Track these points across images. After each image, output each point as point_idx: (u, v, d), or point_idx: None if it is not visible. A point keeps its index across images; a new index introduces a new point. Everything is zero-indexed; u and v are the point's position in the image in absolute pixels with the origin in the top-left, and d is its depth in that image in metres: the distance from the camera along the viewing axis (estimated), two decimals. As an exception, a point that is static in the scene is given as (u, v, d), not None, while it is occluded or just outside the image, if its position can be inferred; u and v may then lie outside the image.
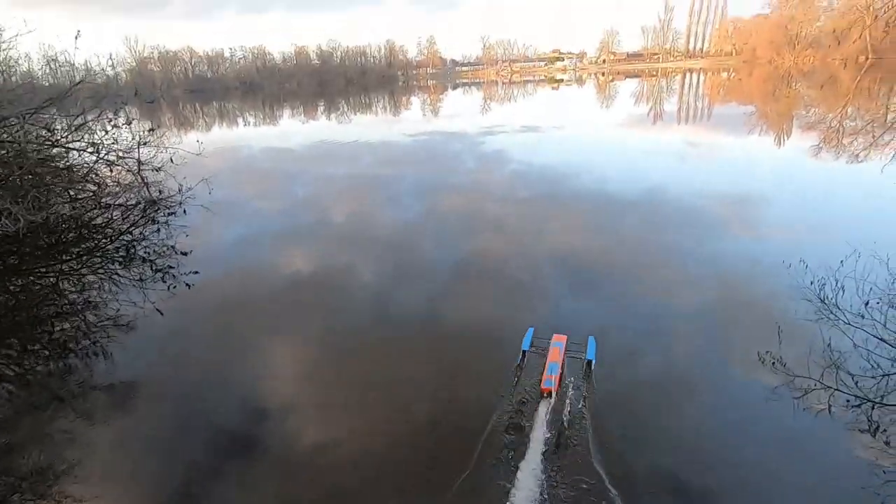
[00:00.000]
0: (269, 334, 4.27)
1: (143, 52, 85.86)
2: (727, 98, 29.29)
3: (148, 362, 4.00)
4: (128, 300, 4.50)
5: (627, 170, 9.86)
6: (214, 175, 7.22)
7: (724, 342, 3.69)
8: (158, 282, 4.62)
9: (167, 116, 38.43)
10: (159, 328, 4.31)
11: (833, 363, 3.19)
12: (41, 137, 5.31)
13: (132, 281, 4.58)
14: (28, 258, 4.53)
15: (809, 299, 3.70)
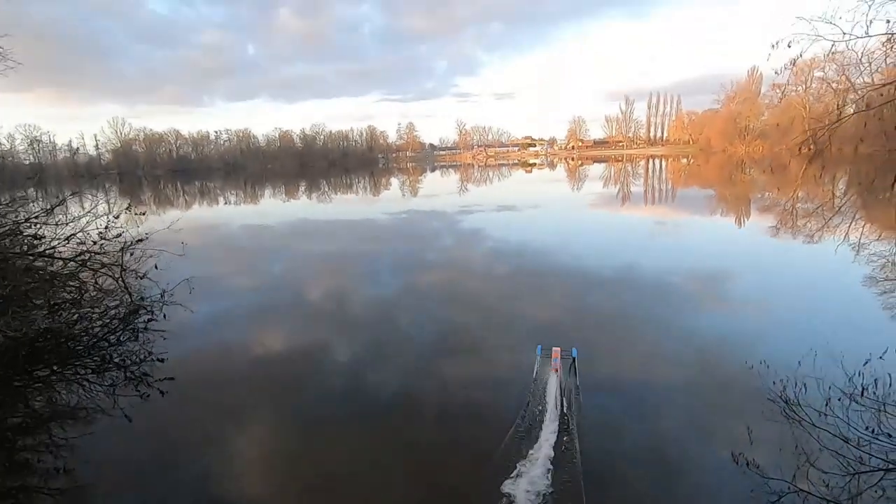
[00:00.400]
0: (244, 438, 4.05)
1: (129, 134, 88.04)
2: (689, 182, 31.28)
3: (111, 477, 3.71)
4: (97, 407, 4.29)
5: (599, 248, 10.24)
6: (193, 255, 7.22)
7: (697, 445, 3.66)
8: (131, 389, 4.44)
9: (147, 195, 38.65)
10: (127, 436, 4.05)
11: (804, 463, 3.21)
12: (27, 246, 5.34)
13: (104, 388, 4.39)
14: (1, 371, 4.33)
15: (773, 399, 3.77)
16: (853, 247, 9.55)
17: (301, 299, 7.76)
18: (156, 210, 25.78)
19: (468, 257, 10.30)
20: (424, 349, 5.45)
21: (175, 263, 6.22)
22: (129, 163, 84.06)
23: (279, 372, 5.02)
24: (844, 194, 19.09)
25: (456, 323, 6.31)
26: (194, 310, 6.06)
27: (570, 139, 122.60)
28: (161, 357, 4.91)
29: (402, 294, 7.83)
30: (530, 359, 4.87)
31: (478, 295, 7.47)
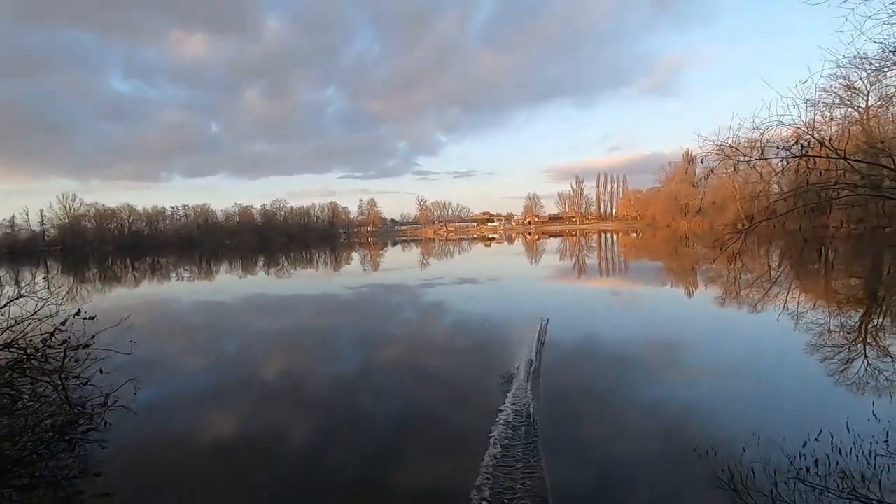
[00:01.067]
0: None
1: (79, 210, 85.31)
2: (639, 254, 32.90)
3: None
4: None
5: (556, 318, 10.37)
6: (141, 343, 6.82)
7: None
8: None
9: (92, 272, 36.84)
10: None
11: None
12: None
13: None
14: None
15: (723, 487, 3.81)
16: (792, 315, 10.12)
17: (256, 384, 7.33)
18: (100, 287, 24.50)
19: (429, 331, 10.20)
20: (386, 429, 5.20)
21: (122, 361, 5.84)
22: (75, 239, 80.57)
23: (231, 471, 4.63)
24: (779, 266, 20.54)
25: (418, 399, 6.11)
26: (138, 412, 5.61)
27: (526, 215, 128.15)
28: (97, 472, 4.45)
29: (363, 372, 7.57)
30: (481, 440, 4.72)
31: (439, 369, 7.32)
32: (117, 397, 5.49)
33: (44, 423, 5.09)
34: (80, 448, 4.89)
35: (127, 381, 5.69)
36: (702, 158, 5.83)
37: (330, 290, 19.15)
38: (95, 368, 5.43)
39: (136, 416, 5.57)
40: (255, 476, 4.45)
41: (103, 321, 5.84)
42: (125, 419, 5.45)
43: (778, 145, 5.39)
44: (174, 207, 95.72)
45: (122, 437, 5.20)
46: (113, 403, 5.40)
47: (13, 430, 4.89)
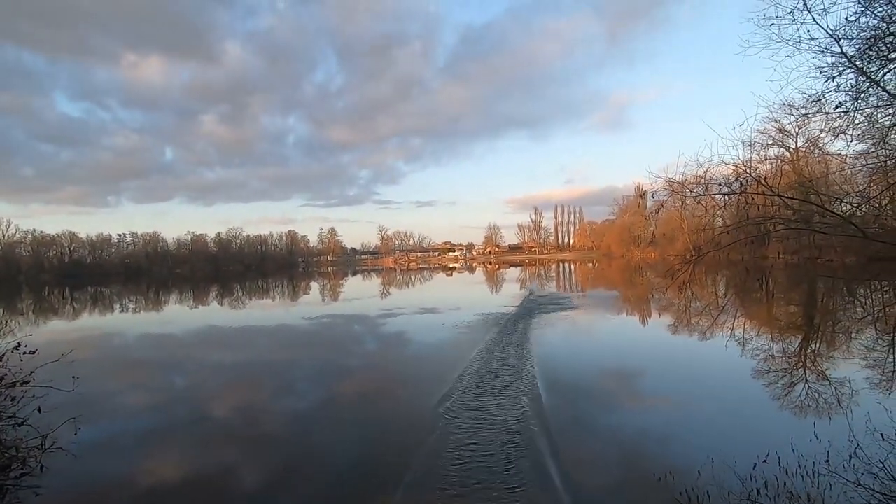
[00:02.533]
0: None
1: (14, 237, 79.83)
2: (596, 283, 33.93)
3: None
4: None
5: (516, 346, 10.48)
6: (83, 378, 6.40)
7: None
8: None
9: (26, 303, 34.34)
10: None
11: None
12: None
13: None
14: None
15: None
16: (739, 342, 10.68)
17: (205, 422, 6.95)
18: (36, 320, 22.82)
19: (389, 362, 10.07)
20: (342, 465, 5.05)
21: (62, 399, 5.46)
22: (8, 268, 74.97)
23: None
24: (725, 295, 21.68)
25: (377, 434, 5.99)
26: (78, 454, 5.22)
27: (486, 245, 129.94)
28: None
29: (320, 406, 7.37)
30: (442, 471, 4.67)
31: (400, 403, 7.22)
32: (56, 438, 5.13)
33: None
34: (12, 495, 4.49)
35: (67, 420, 5.35)
36: (652, 193, 6.23)
37: (287, 321, 18.64)
38: (33, 407, 5.06)
39: (75, 458, 5.19)
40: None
41: (44, 356, 5.48)
42: (64, 462, 5.07)
43: (720, 182, 5.81)
44: (121, 235, 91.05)
45: (59, 483, 4.80)
46: (51, 445, 5.03)
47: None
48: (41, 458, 4.96)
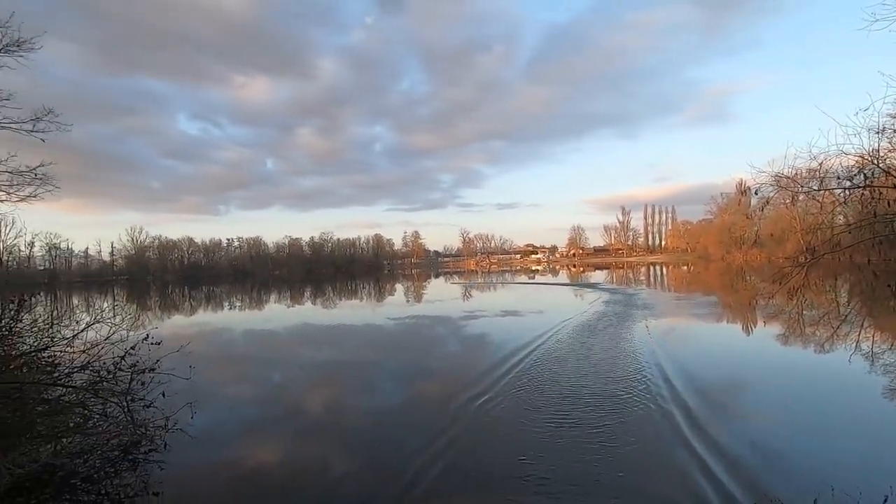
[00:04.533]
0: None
1: (145, 241, 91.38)
2: (691, 288, 31.58)
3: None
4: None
5: (607, 353, 10.04)
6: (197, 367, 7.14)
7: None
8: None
9: (154, 301, 39.07)
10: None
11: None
12: (44, 374, 5.46)
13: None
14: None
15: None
16: (867, 356, 9.36)
17: (298, 410, 7.56)
18: (161, 315, 25.92)
19: (473, 364, 10.09)
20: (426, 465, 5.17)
21: (181, 386, 6.19)
22: (140, 269, 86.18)
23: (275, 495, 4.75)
24: (848, 303, 19.13)
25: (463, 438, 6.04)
26: (193, 435, 5.86)
27: (570, 247, 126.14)
28: (156, 491, 4.69)
29: (404, 404, 7.60)
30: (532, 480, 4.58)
31: (485, 407, 7.21)
32: (176, 420, 5.78)
33: (111, 442, 5.40)
34: (142, 468, 5.16)
35: (185, 404, 6.00)
36: (756, 189, 5.64)
37: (374, 321, 19.43)
38: (158, 392, 5.76)
39: (191, 439, 5.81)
40: (298, 499, 4.54)
41: (166, 347, 6.20)
42: (182, 442, 5.70)
43: (839, 175, 5.16)
44: (229, 239, 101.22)
45: (179, 459, 5.42)
46: (172, 426, 5.69)
47: (84, 447, 5.22)
48: (164, 437, 5.65)
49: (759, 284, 28.96)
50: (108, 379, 5.51)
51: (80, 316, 6.95)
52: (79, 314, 7.91)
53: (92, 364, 5.64)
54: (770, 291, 21.07)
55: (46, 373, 5.61)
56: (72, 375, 5.59)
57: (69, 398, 5.50)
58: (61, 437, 5.17)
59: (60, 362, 5.78)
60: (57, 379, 5.53)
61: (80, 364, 5.64)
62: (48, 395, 5.42)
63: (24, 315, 6.21)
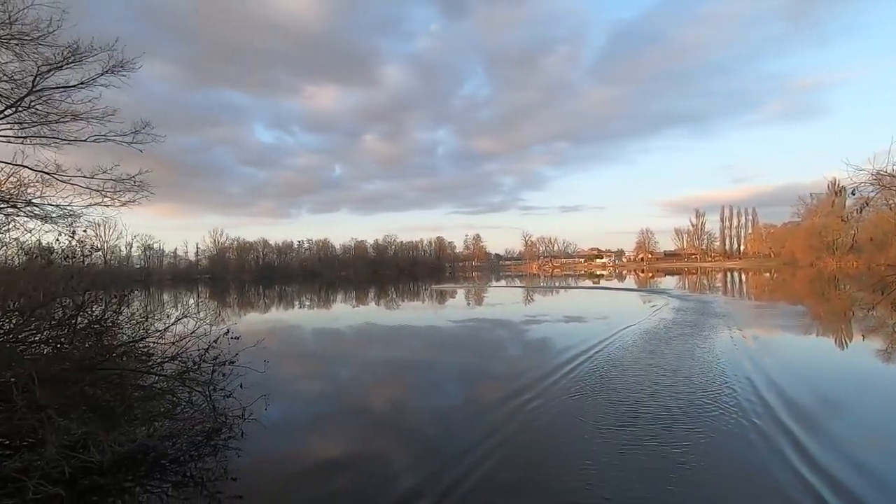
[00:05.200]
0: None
1: (225, 243, 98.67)
2: (775, 296, 29.19)
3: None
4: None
5: (681, 364, 9.50)
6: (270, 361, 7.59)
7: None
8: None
9: (233, 298, 41.90)
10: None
11: None
12: (140, 362, 6.08)
13: (179, 502, 4.60)
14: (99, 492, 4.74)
15: None
16: None
17: (363, 407, 7.80)
18: (238, 312, 27.76)
19: (535, 369, 9.93)
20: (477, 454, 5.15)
21: (256, 378, 6.61)
22: (221, 268, 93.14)
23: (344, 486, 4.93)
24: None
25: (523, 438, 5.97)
26: (267, 425, 6.26)
27: (638, 251, 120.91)
28: (234, 476, 5.03)
29: (467, 405, 7.61)
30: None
31: (547, 412, 7.07)
32: (252, 411, 6.18)
33: (195, 428, 5.87)
34: (222, 454, 5.56)
35: (259, 396, 6.40)
36: (852, 189, 5.11)
37: (436, 322, 19.66)
38: (237, 383, 6.20)
39: (265, 428, 6.19)
40: (366, 492, 4.69)
41: (244, 342, 6.64)
42: (257, 431, 6.09)
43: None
44: (300, 241, 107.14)
45: (254, 447, 5.78)
46: (248, 416, 6.10)
47: (172, 431, 5.70)
48: (241, 426, 6.06)
49: (856, 294, 26.24)
50: (194, 369, 6.00)
51: (169, 311, 7.60)
52: (168, 309, 8.70)
53: (180, 355, 6.16)
54: (868, 302, 19.00)
55: (142, 362, 6.19)
56: (163, 365, 6.14)
57: (160, 385, 6.04)
58: (153, 421, 5.69)
59: (154, 352, 6.36)
60: (151, 367, 6.11)
61: (171, 355, 6.18)
62: (143, 382, 5.98)
63: (123, 309, 6.84)
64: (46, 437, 4.07)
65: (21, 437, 4.58)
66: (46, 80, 9.73)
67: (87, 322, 5.88)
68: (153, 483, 4.96)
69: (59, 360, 4.91)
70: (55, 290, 5.40)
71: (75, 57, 9.72)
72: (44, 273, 5.68)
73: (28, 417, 4.05)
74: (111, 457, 4.59)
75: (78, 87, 10.17)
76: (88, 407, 4.91)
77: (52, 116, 10.22)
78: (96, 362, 5.29)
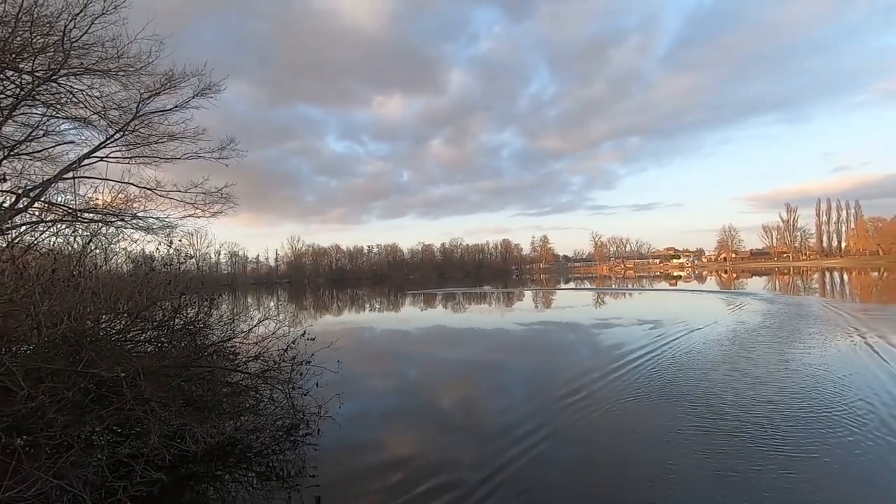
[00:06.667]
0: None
1: (301, 249, 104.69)
2: (884, 298, 26.05)
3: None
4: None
5: (772, 376, 8.75)
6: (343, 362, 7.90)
7: None
8: (284, 497, 4.88)
9: (309, 301, 44.18)
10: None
11: None
12: (227, 361, 6.60)
13: (264, 493, 4.94)
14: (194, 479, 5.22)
15: None
16: None
17: (431, 407, 7.98)
18: (314, 314, 29.22)
19: (604, 375, 9.57)
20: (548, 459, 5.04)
21: (331, 378, 6.94)
22: (297, 273, 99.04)
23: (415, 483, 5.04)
24: None
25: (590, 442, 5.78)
26: (341, 423, 6.57)
27: (720, 250, 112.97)
28: (312, 471, 5.32)
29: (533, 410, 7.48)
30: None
31: (616, 418, 6.80)
32: (327, 409, 6.50)
33: (276, 423, 6.26)
34: (300, 449, 5.91)
35: (334, 395, 6.71)
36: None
37: (503, 325, 19.51)
38: (313, 382, 6.54)
39: (339, 426, 6.48)
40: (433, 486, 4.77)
41: (319, 342, 6.98)
42: (332, 428, 6.39)
43: None
44: (370, 246, 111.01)
45: (329, 443, 6.08)
46: (324, 414, 6.42)
47: (256, 426, 6.12)
48: (318, 423, 6.39)
49: None
50: (274, 368, 6.42)
51: (252, 313, 8.20)
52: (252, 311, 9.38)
53: (262, 355, 6.62)
54: None
55: (230, 360, 6.71)
56: (247, 364, 6.60)
57: (245, 383, 6.51)
58: (240, 416, 6.15)
59: (239, 352, 6.86)
60: (237, 366, 6.60)
61: (254, 354, 6.64)
62: (230, 379, 6.46)
63: (213, 311, 7.44)
64: (150, 426, 4.51)
65: (130, 427, 5.12)
66: (147, 106, 10.88)
67: (183, 323, 6.45)
68: (240, 473, 5.36)
69: (160, 358, 5.42)
70: (156, 295, 5.97)
71: (171, 83, 10.80)
72: (147, 279, 6.29)
73: (136, 409, 4.51)
74: (204, 447, 5.01)
75: (174, 111, 11.29)
76: (185, 401, 5.38)
77: (153, 138, 11.42)
78: (191, 360, 5.79)
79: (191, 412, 5.22)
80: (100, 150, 10.89)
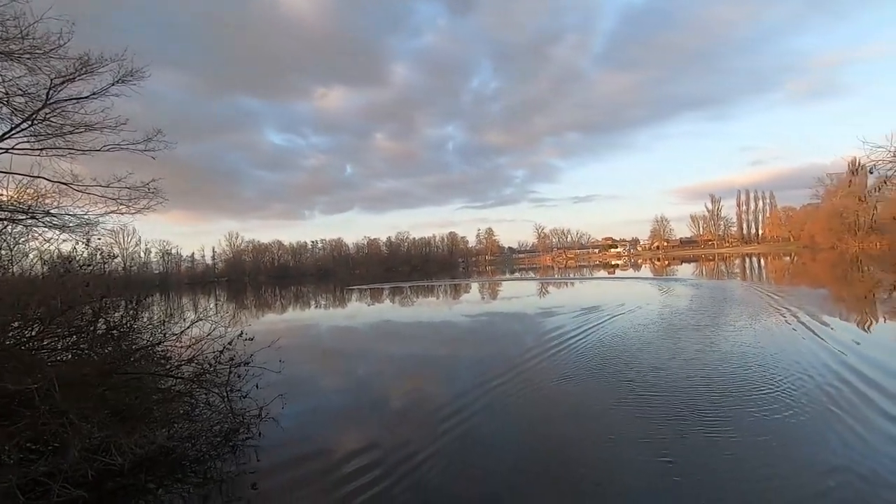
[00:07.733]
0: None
1: (240, 246, 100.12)
2: (794, 280, 28.64)
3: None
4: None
5: (700, 350, 9.39)
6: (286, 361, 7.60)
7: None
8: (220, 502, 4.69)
9: (250, 299, 42.45)
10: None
11: None
12: (158, 366, 6.20)
13: (199, 500, 4.71)
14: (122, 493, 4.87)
15: None
16: None
17: (380, 404, 7.84)
18: (255, 313, 28.13)
19: (552, 359, 9.89)
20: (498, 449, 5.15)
21: (272, 378, 6.68)
22: (237, 271, 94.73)
23: (363, 484, 4.97)
24: None
25: (543, 429, 5.95)
26: (284, 425, 6.35)
27: (653, 239, 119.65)
28: (253, 477, 5.16)
29: (483, 397, 7.59)
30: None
31: (564, 405, 7.04)
32: (269, 411, 6.27)
33: (213, 428, 5.96)
34: (240, 453, 5.66)
35: (276, 396, 6.48)
36: (871, 168, 4.97)
37: (450, 317, 19.66)
38: (253, 384, 6.28)
39: (283, 428, 6.26)
40: (386, 487, 4.73)
41: (259, 342, 6.71)
42: (274, 430, 6.17)
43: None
44: (313, 242, 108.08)
45: (272, 446, 5.87)
46: (265, 416, 6.19)
47: (191, 432, 5.80)
48: (259, 426, 6.15)
49: (878, 275, 25.63)
50: (210, 371, 6.10)
51: (186, 314, 7.74)
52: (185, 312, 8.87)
53: (197, 358, 6.27)
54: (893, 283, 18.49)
55: (160, 365, 6.31)
56: (181, 368, 6.24)
57: (178, 388, 6.15)
58: (173, 423, 5.80)
59: (171, 356, 6.47)
60: (169, 371, 6.22)
61: (187, 358, 6.29)
62: (161, 385, 6.09)
63: (142, 313, 6.96)
64: (70, 440, 4.16)
65: (46, 442, 4.70)
66: (59, 93, 9.89)
67: (106, 328, 5.99)
68: (174, 483, 5.06)
69: (80, 366, 5.02)
70: (73, 298, 5.50)
71: (86, 68, 9.87)
72: (62, 281, 5.79)
73: (50, 422, 4.14)
74: (132, 459, 4.68)
75: (90, 98, 10.33)
76: (109, 411, 5.01)
77: (67, 128, 10.39)
78: (115, 366, 5.40)
79: (117, 422, 4.87)
80: (4, 141, 9.81)
